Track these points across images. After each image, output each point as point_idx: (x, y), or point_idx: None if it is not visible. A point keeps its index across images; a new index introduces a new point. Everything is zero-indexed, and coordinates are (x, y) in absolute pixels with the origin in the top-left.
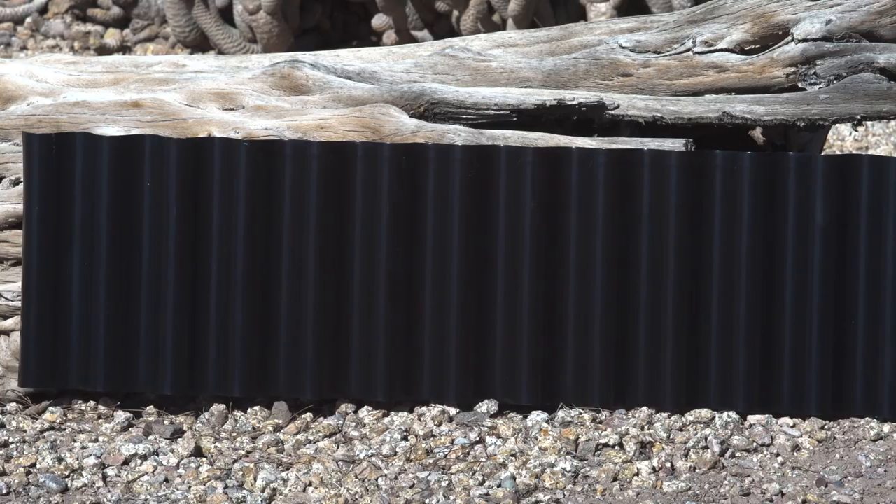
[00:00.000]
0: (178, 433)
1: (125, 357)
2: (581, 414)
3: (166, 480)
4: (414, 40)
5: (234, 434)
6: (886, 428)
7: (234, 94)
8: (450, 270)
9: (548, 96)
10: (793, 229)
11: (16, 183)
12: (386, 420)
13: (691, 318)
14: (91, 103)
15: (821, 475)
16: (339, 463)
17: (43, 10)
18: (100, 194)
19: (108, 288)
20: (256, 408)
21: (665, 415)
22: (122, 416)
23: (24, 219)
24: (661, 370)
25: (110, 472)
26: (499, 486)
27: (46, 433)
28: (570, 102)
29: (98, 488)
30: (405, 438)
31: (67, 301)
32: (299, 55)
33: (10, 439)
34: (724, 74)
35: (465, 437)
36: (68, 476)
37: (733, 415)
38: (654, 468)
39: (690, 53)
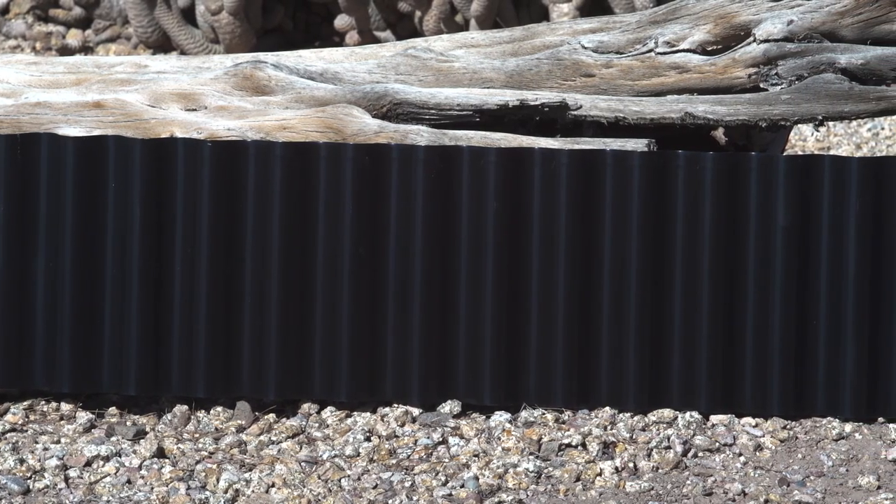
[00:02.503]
0: (140, 434)
1: (90, 358)
2: (544, 414)
3: (129, 482)
4: (377, 41)
5: (197, 435)
6: (848, 427)
7: (197, 94)
8: (412, 270)
9: (510, 97)
10: (755, 230)
11: None
12: (349, 421)
13: (654, 318)
14: (53, 104)
15: (783, 475)
16: (302, 464)
17: (4, 11)
18: (65, 194)
19: (73, 288)
20: (219, 408)
21: (628, 415)
22: (84, 417)
23: None
24: (623, 370)
25: (72, 473)
26: (462, 486)
27: (8, 434)
28: (532, 103)
29: (60, 490)
30: (368, 439)
31: (33, 301)
32: (261, 56)
33: None
34: (687, 75)
35: (428, 437)
36: (30, 477)
37: (696, 415)
38: (616, 468)
39: (653, 54)
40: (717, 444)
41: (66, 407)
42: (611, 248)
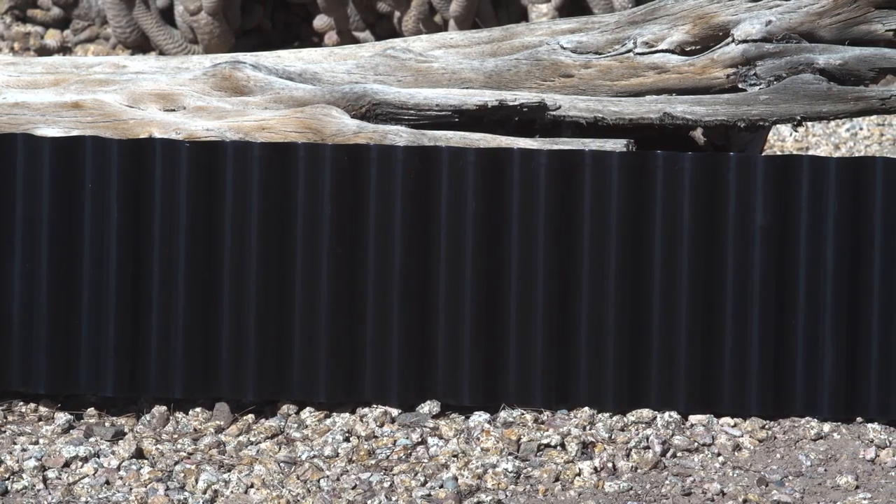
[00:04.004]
0: (119, 435)
1: (66, 358)
2: (523, 414)
3: (107, 482)
4: (356, 41)
5: (176, 436)
6: (826, 427)
7: (175, 94)
8: (391, 270)
9: (489, 97)
10: (733, 230)
11: None
12: (328, 421)
13: (633, 318)
14: (31, 104)
15: (762, 475)
16: (281, 464)
17: None
18: (41, 195)
19: (49, 289)
20: (198, 409)
21: (607, 415)
22: (62, 417)
23: None
24: (602, 370)
25: (51, 474)
26: (441, 486)
27: None
28: (511, 103)
29: (38, 491)
30: (347, 439)
31: (9, 302)
32: (240, 56)
33: None
34: (665, 75)
35: (407, 437)
36: (8, 479)
37: (675, 415)
38: (595, 468)
39: (631, 54)
40: (696, 444)
41: (44, 408)
42: (589, 248)
